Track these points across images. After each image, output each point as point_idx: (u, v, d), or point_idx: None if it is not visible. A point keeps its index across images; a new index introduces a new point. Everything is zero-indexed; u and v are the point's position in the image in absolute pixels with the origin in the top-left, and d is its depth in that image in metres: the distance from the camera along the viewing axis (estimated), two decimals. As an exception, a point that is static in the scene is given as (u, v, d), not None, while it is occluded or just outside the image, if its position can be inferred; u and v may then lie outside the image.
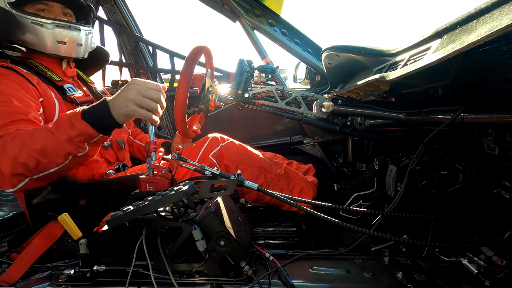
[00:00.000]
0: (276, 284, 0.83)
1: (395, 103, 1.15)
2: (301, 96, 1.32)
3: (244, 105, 1.35)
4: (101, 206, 1.09)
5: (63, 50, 1.17)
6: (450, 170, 0.99)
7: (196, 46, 1.23)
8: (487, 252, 0.85)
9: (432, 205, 0.97)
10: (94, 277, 0.87)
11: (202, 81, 1.36)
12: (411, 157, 0.98)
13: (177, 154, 0.90)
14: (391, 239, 0.83)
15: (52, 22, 1.11)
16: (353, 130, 1.32)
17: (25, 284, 0.90)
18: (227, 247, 0.82)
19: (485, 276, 0.79)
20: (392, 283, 0.83)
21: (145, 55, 1.95)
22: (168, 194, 0.76)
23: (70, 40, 1.16)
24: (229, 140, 1.22)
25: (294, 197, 0.94)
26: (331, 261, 0.94)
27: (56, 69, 1.23)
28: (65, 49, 1.17)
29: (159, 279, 0.82)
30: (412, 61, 0.79)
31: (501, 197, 0.86)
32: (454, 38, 0.61)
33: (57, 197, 1.10)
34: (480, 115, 0.76)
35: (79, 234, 0.90)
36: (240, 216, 1.00)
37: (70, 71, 1.29)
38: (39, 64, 1.17)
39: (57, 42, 1.14)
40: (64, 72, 1.26)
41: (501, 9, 0.49)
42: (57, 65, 1.24)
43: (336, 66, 1.32)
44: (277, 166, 1.24)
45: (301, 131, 1.85)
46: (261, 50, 1.68)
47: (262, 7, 1.62)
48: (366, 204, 1.10)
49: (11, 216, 1.24)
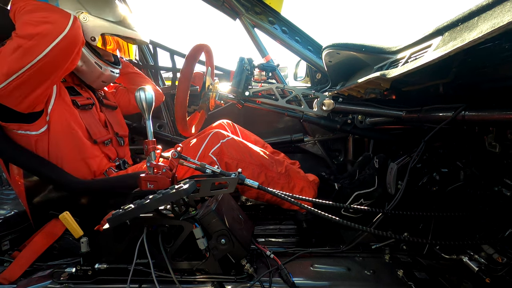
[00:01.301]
0: (277, 282, 0.84)
1: (396, 101, 1.14)
2: (301, 94, 1.31)
3: (245, 103, 1.35)
4: (102, 205, 1.10)
5: (100, 86, 1.36)
6: (451, 168, 0.98)
7: (196, 44, 1.23)
8: (487, 249, 0.85)
9: (433, 203, 0.97)
10: (95, 275, 0.87)
11: (202, 80, 1.36)
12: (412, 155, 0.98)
13: (178, 153, 0.90)
14: (391, 237, 0.83)
15: (107, 67, 1.29)
16: (354, 128, 1.32)
17: (27, 282, 0.90)
18: (228, 245, 0.82)
19: (485, 273, 0.79)
20: (393, 281, 0.84)
21: (146, 53, 1.95)
22: (169, 193, 0.76)
23: (109, 81, 1.36)
24: (229, 136, 1.22)
25: (295, 195, 0.94)
26: (332, 259, 0.95)
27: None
28: (101, 86, 1.37)
29: (160, 277, 0.82)
30: (413, 58, 0.78)
31: (502, 194, 0.86)
32: (455, 36, 0.60)
33: (58, 195, 1.11)
34: (481, 112, 0.76)
35: (81, 233, 0.90)
36: (241, 214, 1.00)
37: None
38: None
39: (102, 82, 1.32)
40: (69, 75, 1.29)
41: (502, 6, 0.49)
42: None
43: (336, 64, 1.32)
44: (278, 164, 1.24)
45: (301, 129, 1.85)
46: (261, 48, 1.67)
47: (262, 5, 1.62)
48: (367, 203, 1.10)
49: (13, 214, 1.25)
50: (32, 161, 1.08)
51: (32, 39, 0.91)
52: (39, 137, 1.08)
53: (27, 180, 1.12)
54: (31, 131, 1.07)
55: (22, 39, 0.91)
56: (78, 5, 1.13)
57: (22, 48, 0.90)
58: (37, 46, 0.92)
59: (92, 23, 1.15)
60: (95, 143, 1.23)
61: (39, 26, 0.91)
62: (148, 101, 0.89)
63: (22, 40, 0.90)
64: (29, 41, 0.90)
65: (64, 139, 1.12)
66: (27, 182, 1.12)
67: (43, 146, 1.09)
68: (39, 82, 1.00)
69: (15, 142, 1.08)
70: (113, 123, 1.38)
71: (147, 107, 0.89)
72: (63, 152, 1.13)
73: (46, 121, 1.09)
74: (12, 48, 0.91)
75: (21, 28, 0.92)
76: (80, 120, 1.18)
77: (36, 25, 0.91)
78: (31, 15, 0.93)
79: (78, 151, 1.16)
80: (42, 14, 0.94)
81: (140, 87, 0.89)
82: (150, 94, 0.89)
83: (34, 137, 1.08)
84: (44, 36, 0.92)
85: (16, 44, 0.90)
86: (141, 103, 0.88)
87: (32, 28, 0.91)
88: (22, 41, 0.90)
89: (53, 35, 0.93)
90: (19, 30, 0.92)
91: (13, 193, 1.41)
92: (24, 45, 0.90)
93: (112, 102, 1.47)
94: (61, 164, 1.12)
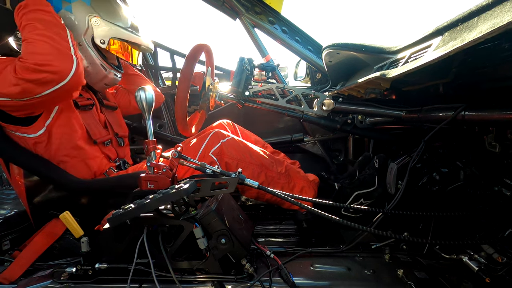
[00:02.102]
0: (277, 281, 0.84)
1: (396, 100, 1.14)
2: (301, 94, 1.32)
3: (245, 103, 1.35)
4: (102, 205, 1.10)
5: (102, 88, 1.38)
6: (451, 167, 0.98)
7: (196, 44, 1.23)
8: (487, 249, 0.85)
9: (433, 202, 0.97)
10: (95, 275, 0.87)
11: (202, 79, 1.36)
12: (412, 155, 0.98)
13: (178, 153, 0.90)
14: (391, 237, 0.83)
15: (112, 70, 1.31)
16: (354, 128, 1.32)
17: (28, 281, 0.90)
18: (228, 245, 0.82)
19: (485, 273, 0.79)
20: (393, 281, 0.84)
21: (146, 53, 1.95)
22: (169, 193, 0.76)
23: (112, 84, 1.37)
24: (229, 136, 1.22)
25: (295, 195, 0.94)
26: (332, 259, 0.95)
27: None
28: (104, 88, 1.39)
29: (161, 276, 0.82)
30: (413, 58, 0.78)
31: (502, 194, 0.86)
32: (455, 36, 0.61)
33: (58, 195, 1.11)
34: (481, 112, 0.76)
35: (81, 232, 0.90)
36: (241, 214, 1.00)
37: None
38: None
39: (105, 85, 1.34)
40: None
41: (502, 6, 0.49)
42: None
43: (336, 64, 1.32)
44: (278, 164, 1.24)
45: (301, 129, 1.85)
46: (261, 48, 1.67)
47: (262, 5, 1.62)
48: (367, 203, 1.10)
49: (13, 214, 1.25)
50: (32, 161, 1.08)
51: (31, 82, 0.90)
52: (37, 139, 1.08)
53: (27, 180, 1.12)
54: (29, 134, 1.07)
55: (20, 80, 0.89)
56: (91, 9, 1.17)
57: (20, 87, 0.90)
58: (36, 89, 0.92)
59: (103, 27, 1.19)
60: (95, 144, 1.23)
61: (40, 73, 0.90)
62: (148, 101, 0.89)
63: (20, 80, 0.89)
64: (28, 83, 0.90)
65: (64, 140, 1.12)
66: (27, 182, 1.12)
67: (42, 147, 1.09)
68: (35, 108, 1.04)
69: (16, 142, 1.08)
70: (113, 123, 1.38)
71: (147, 107, 0.89)
72: (63, 153, 1.13)
73: (44, 124, 1.08)
74: (10, 82, 0.89)
75: (20, 68, 0.89)
76: (81, 121, 1.18)
77: (36, 72, 0.90)
78: (35, 47, 0.91)
79: (78, 152, 1.16)
80: (45, 58, 0.91)
81: (140, 87, 0.89)
82: (150, 94, 0.89)
83: (32, 140, 1.08)
84: (43, 83, 0.92)
85: (15, 81, 0.89)
86: (141, 103, 0.88)
87: (33, 75, 0.89)
88: (20, 81, 0.89)
89: (53, 83, 0.94)
90: (19, 69, 0.89)
91: (14, 193, 1.41)
92: (22, 85, 0.90)
93: (112, 103, 1.47)
94: (61, 165, 1.12)
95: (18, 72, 0.89)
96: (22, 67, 0.89)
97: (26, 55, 0.90)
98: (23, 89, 0.90)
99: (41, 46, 0.92)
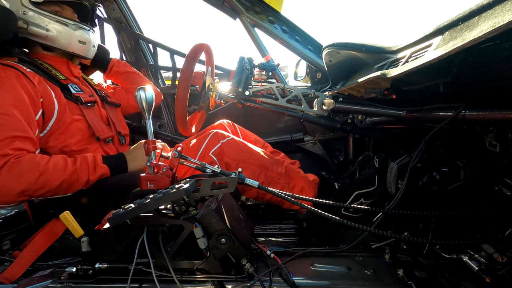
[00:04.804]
0: (277, 281, 0.84)
1: (396, 100, 1.14)
2: (301, 94, 1.32)
3: (245, 103, 1.35)
4: (102, 204, 1.09)
5: (82, 50, 1.24)
6: (451, 167, 0.98)
7: (196, 44, 1.23)
8: (488, 249, 0.85)
9: (433, 202, 0.97)
10: (96, 275, 0.87)
11: (202, 79, 1.36)
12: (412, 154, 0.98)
13: (178, 152, 0.90)
14: (392, 237, 0.83)
15: (75, 23, 1.19)
16: (354, 127, 1.32)
17: (28, 281, 0.90)
18: (228, 245, 0.82)
19: (486, 273, 0.79)
20: (393, 280, 0.84)
21: (146, 53, 1.95)
22: (169, 192, 0.76)
23: (88, 42, 1.25)
24: (229, 136, 1.22)
25: (295, 195, 0.94)
26: (332, 259, 0.95)
27: (62, 68, 1.25)
28: (84, 49, 1.25)
29: (161, 276, 0.82)
30: (414, 58, 0.78)
31: (502, 194, 0.86)
32: (456, 35, 0.60)
33: (58, 195, 1.10)
34: (481, 112, 0.76)
35: (81, 232, 0.90)
36: (241, 214, 1.00)
37: (77, 71, 1.31)
38: (43, 63, 1.17)
39: (79, 42, 1.21)
40: (72, 71, 1.28)
41: (503, 5, 0.49)
42: (64, 64, 1.26)
43: (337, 63, 1.31)
44: (278, 164, 1.24)
45: (301, 128, 1.85)
46: (261, 48, 1.67)
47: (262, 4, 1.62)
48: (367, 202, 1.10)
49: (13, 214, 1.25)
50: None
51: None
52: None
53: (27, 180, 1.11)
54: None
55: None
56: None
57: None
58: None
59: None
60: (98, 140, 1.22)
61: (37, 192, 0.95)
62: (148, 101, 0.89)
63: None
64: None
65: (66, 137, 1.12)
66: (27, 182, 1.11)
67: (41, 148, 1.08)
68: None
69: None
70: (115, 121, 1.36)
71: (147, 107, 0.89)
72: (65, 152, 1.12)
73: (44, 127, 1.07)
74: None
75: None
76: (83, 118, 1.18)
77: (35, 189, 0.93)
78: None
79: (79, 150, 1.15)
80: (43, 177, 0.93)
81: (140, 87, 0.89)
82: (150, 94, 0.89)
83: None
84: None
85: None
86: (141, 102, 0.88)
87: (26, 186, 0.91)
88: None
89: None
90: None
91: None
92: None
93: (115, 100, 1.46)
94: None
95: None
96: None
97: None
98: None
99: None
